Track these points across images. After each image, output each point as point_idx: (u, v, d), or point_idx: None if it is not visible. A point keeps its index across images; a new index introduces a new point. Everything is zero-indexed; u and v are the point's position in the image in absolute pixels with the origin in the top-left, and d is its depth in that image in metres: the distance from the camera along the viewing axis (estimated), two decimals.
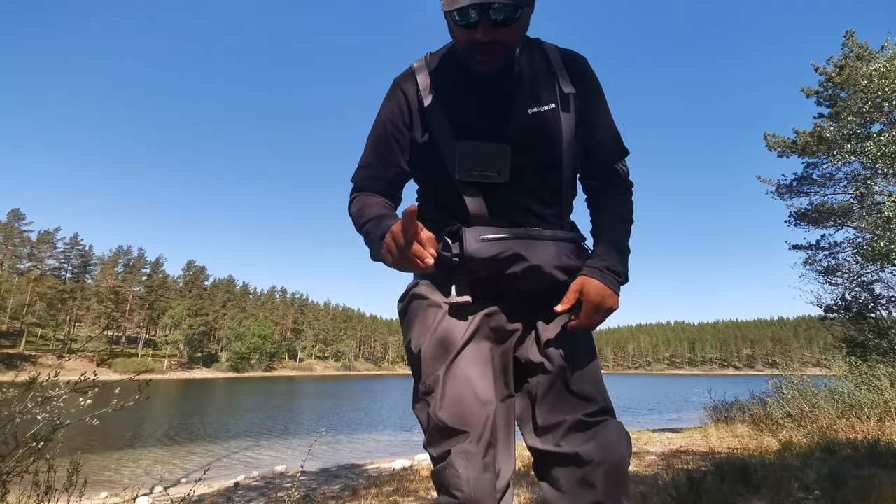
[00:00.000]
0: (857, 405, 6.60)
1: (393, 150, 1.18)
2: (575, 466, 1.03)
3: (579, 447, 1.03)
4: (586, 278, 1.10)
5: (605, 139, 1.21)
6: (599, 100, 1.20)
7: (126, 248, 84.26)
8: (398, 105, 1.17)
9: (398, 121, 1.16)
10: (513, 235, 1.10)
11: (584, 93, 1.16)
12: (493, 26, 0.99)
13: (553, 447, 1.06)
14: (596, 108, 1.19)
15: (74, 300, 72.67)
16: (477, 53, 1.03)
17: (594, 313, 1.09)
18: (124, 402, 2.47)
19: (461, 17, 1.00)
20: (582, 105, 1.15)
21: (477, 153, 1.10)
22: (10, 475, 2.11)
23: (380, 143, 1.20)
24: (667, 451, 6.35)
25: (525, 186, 1.13)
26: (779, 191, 15.54)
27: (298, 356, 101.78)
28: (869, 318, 11.36)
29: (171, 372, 71.39)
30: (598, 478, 1.01)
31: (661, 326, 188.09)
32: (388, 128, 1.18)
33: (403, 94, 1.16)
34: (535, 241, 1.11)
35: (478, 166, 1.10)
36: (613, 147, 1.22)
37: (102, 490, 7.04)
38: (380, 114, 1.20)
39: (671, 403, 26.47)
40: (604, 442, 1.03)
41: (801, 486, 3.32)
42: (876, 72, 9.95)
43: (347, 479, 6.06)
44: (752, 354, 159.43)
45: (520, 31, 1.05)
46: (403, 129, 1.16)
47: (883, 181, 10.60)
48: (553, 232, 1.15)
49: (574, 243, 1.17)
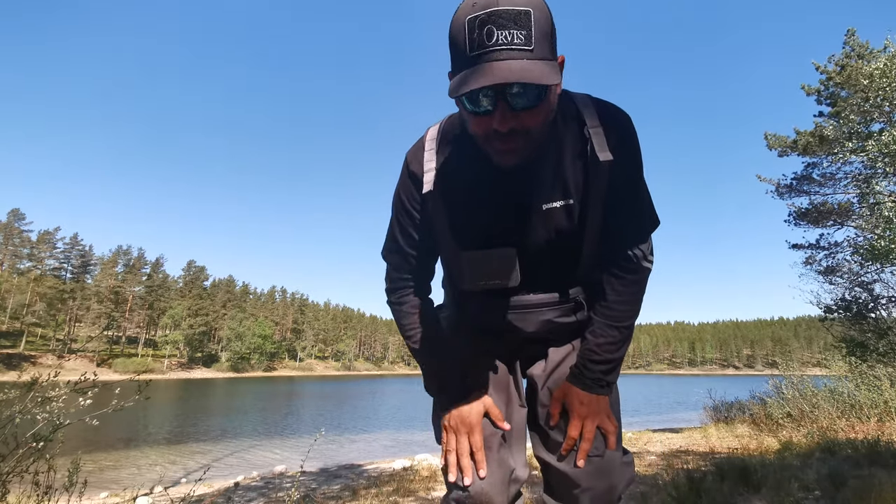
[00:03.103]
0: (857, 405, 6.59)
1: (415, 230, 1.11)
2: (568, 485, 1.07)
3: (571, 470, 1.07)
4: (571, 387, 1.10)
5: (623, 219, 1.06)
6: (633, 174, 1.03)
7: (126, 248, 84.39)
8: (410, 186, 1.09)
9: (413, 202, 1.09)
10: (510, 307, 1.12)
11: (620, 163, 0.99)
12: (512, 112, 0.83)
13: (555, 462, 1.10)
14: (626, 185, 1.02)
15: (74, 300, 72.64)
16: (495, 145, 0.88)
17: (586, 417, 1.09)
18: (124, 402, 2.47)
19: (472, 104, 0.85)
20: (614, 177, 1.00)
21: (480, 262, 1.05)
22: (10, 475, 2.11)
23: (401, 222, 1.12)
24: (667, 451, 6.35)
25: (534, 270, 1.09)
26: (779, 190, 15.53)
27: (298, 356, 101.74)
28: (869, 318, 11.34)
29: (171, 372, 71.39)
30: (586, 502, 1.05)
31: (661, 326, 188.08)
32: (406, 209, 1.10)
33: (411, 174, 1.08)
34: (530, 313, 1.12)
35: (484, 277, 1.06)
36: (633, 229, 1.07)
37: (102, 490, 7.03)
38: (396, 190, 1.12)
39: (671, 403, 26.47)
40: (596, 469, 1.06)
41: (801, 486, 3.32)
42: (877, 71, 9.95)
43: (347, 479, 6.05)
44: (752, 354, 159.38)
45: (546, 114, 0.88)
46: (419, 209, 1.09)
47: (883, 181, 10.59)
48: (550, 297, 1.12)
49: (573, 303, 1.14)
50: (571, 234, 1.04)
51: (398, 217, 1.12)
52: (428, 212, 1.07)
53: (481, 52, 0.79)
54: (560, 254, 1.08)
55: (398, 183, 1.12)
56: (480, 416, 1.09)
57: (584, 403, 1.08)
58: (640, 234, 1.08)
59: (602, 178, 0.99)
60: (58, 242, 78.48)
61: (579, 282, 1.13)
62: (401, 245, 1.13)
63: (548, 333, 1.15)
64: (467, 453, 1.07)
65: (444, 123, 1.08)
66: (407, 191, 1.09)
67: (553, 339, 1.18)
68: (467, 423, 1.08)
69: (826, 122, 13.77)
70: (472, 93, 0.81)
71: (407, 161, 1.09)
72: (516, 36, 0.78)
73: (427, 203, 1.06)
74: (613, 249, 1.08)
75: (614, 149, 0.98)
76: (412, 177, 1.07)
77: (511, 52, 0.78)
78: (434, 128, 1.08)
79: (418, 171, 1.06)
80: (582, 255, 1.08)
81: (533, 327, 1.13)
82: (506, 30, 0.78)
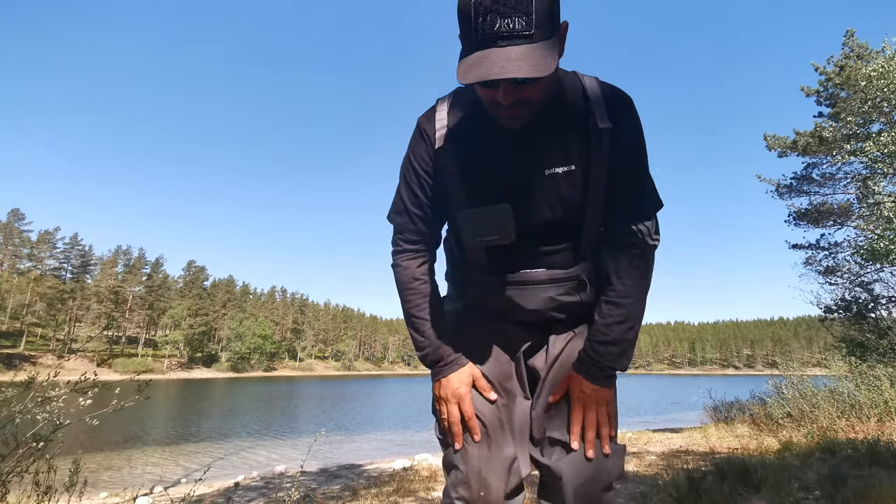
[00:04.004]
0: (857, 405, 6.59)
1: (423, 191, 1.14)
2: (552, 478, 1.09)
3: (553, 462, 1.08)
4: (575, 375, 1.11)
5: (626, 193, 1.08)
6: (633, 145, 1.06)
7: (126, 248, 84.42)
8: (421, 146, 1.13)
9: (423, 162, 1.13)
10: (511, 283, 1.14)
11: (620, 133, 1.04)
12: (515, 86, 0.90)
13: (540, 456, 1.12)
14: (626, 155, 1.06)
15: (74, 300, 72.66)
16: (500, 112, 0.96)
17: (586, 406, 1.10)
18: (124, 402, 2.47)
19: None
20: (615, 146, 1.04)
21: (479, 219, 1.08)
22: (10, 475, 2.11)
23: (410, 185, 1.15)
24: (667, 451, 6.35)
25: (536, 240, 1.11)
26: (779, 190, 15.55)
27: (298, 356, 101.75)
28: (869, 318, 11.35)
29: (171, 372, 71.37)
30: (568, 495, 1.06)
31: (661, 326, 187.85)
32: (416, 169, 1.14)
33: (424, 135, 1.12)
34: (531, 289, 1.14)
35: (480, 232, 1.08)
36: (636, 204, 1.09)
37: (102, 490, 7.03)
38: (407, 154, 1.16)
39: (671, 403, 26.48)
40: (576, 461, 1.07)
41: (801, 486, 3.31)
42: (875, 72, 9.95)
43: (347, 479, 6.05)
44: (752, 354, 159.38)
45: (547, 85, 0.95)
46: (428, 170, 1.13)
47: (883, 181, 10.59)
48: (552, 274, 1.13)
49: (576, 280, 1.14)
50: (573, 202, 1.07)
51: (406, 177, 1.16)
52: (439, 168, 1.11)
53: (485, 38, 0.86)
54: (562, 224, 1.09)
55: (409, 145, 1.15)
56: (469, 387, 1.14)
57: (587, 393, 1.09)
58: (644, 210, 1.09)
59: (602, 146, 1.03)
60: (58, 242, 78.56)
61: (582, 259, 1.14)
62: (407, 206, 1.16)
63: (550, 312, 1.15)
64: (458, 420, 1.11)
65: (454, 92, 1.14)
66: (418, 150, 1.13)
67: (555, 320, 1.17)
68: (457, 394, 1.12)
69: (825, 122, 13.78)
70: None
71: (419, 123, 1.14)
72: (517, 22, 0.84)
73: (438, 160, 1.10)
74: (617, 224, 1.10)
75: (614, 120, 1.03)
76: (424, 135, 1.12)
77: (512, 40, 0.85)
78: (445, 96, 1.15)
79: (430, 129, 1.11)
80: (584, 228, 1.10)
81: (534, 304, 1.14)
82: (507, 17, 0.84)
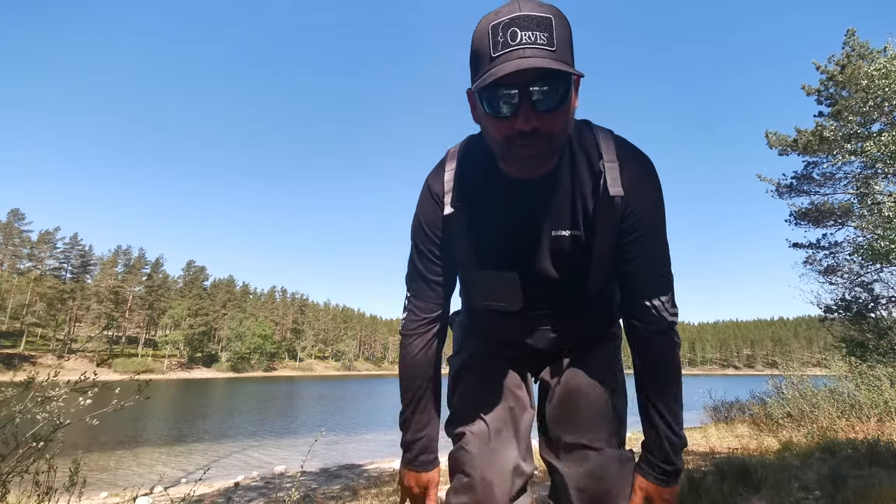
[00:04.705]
0: (857, 405, 6.59)
1: (434, 255, 1.11)
2: (563, 482, 1.09)
3: (567, 468, 1.09)
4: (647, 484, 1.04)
5: (637, 266, 1.01)
6: (648, 218, 0.98)
7: (126, 248, 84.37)
8: (429, 208, 1.08)
9: (433, 226, 1.09)
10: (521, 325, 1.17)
11: (632, 202, 0.96)
12: (535, 112, 0.83)
13: (554, 460, 1.13)
14: (638, 227, 0.98)
15: (74, 300, 72.66)
16: (517, 149, 0.87)
17: None
18: (124, 402, 2.47)
19: (493, 106, 0.85)
20: (626, 215, 0.97)
21: (487, 284, 1.09)
22: (10, 475, 2.11)
23: (421, 250, 1.11)
24: None
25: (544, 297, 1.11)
26: (779, 190, 15.55)
27: (298, 356, 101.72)
28: (869, 318, 11.35)
29: (171, 372, 71.36)
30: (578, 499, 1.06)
31: None
32: (426, 233, 1.10)
33: (432, 196, 1.08)
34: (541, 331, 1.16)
35: (488, 297, 1.11)
36: (647, 279, 1.01)
37: (102, 490, 7.04)
38: (416, 214, 1.11)
39: None
40: (590, 470, 1.07)
41: (801, 486, 3.31)
42: (877, 71, 9.96)
43: (347, 479, 6.05)
44: (752, 354, 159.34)
45: (567, 118, 0.88)
46: (438, 233, 1.09)
47: (883, 181, 10.60)
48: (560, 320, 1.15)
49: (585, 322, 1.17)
50: (577, 263, 1.05)
51: (417, 242, 1.12)
52: (448, 230, 1.08)
53: (505, 51, 0.80)
54: (566, 281, 1.08)
55: (417, 207, 1.11)
56: (436, 487, 1.17)
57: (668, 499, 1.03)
58: (657, 282, 1.01)
59: (610, 214, 0.97)
60: (58, 242, 78.52)
61: (592, 304, 1.15)
62: (422, 271, 1.12)
63: (558, 347, 1.19)
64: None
65: (463, 144, 1.08)
66: (427, 213, 1.08)
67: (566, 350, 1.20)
68: (422, 486, 1.15)
69: (826, 121, 13.78)
70: (495, 92, 0.82)
71: (428, 184, 1.09)
72: (539, 37, 0.80)
73: (447, 222, 1.06)
74: (629, 297, 1.05)
75: (628, 187, 0.96)
76: (434, 198, 1.07)
77: (535, 50, 0.80)
78: (454, 149, 1.09)
79: (439, 191, 1.06)
80: (590, 286, 1.09)
81: (543, 344, 1.17)
82: (529, 31, 0.80)
